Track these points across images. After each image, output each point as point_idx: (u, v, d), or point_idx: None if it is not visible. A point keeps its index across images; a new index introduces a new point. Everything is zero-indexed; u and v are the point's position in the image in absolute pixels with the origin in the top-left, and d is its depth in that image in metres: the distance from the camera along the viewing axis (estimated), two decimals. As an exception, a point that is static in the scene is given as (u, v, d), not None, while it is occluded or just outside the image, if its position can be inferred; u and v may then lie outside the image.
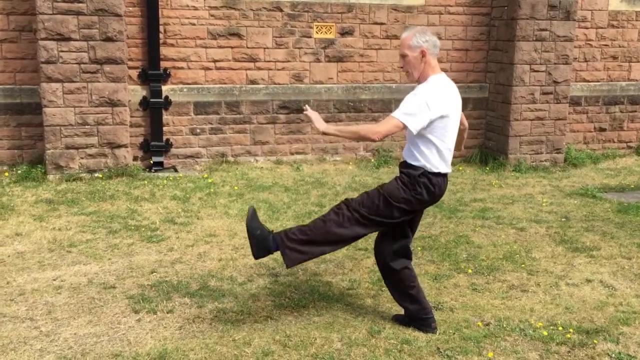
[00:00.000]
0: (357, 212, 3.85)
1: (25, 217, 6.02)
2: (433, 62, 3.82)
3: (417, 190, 3.82)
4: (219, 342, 3.85)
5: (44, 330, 3.96)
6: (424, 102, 3.68)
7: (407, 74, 3.91)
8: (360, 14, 8.62)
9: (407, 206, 3.84)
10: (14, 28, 7.38)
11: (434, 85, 3.79)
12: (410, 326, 4.06)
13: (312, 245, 3.88)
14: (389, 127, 3.74)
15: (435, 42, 3.82)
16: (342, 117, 8.72)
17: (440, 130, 3.78)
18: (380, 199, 3.84)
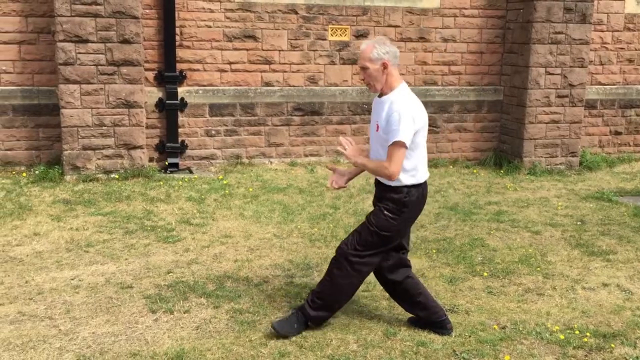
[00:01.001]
0: (356, 257, 3.89)
1: (43, 217, 6.08)
2: (395, 72, 3.81)
3: (407, 211, 3.85)
4: (235, 343, 3.87)
5: (63, 329, 4.00)
6: (411, 117, 3.69)
7: (368, 86, 3.89)
8: (375, 16, 8.63)
9: (403, 228, 3.92)
10: (32, 30, 7.46)
11: (408, 95, 3.80)
12: (426, 329, 4.06)
13: (332, 305, 4.01)
14: (398, 160, 3.71)
15: (396, 52, 3.81)
16: (357, 119, 8.73)
17: (421, 139, 3.81)
18: (374, 235, 3.87)
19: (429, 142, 9.05)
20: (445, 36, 8.94)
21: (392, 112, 3.71)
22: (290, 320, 3.99)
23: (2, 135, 7.51)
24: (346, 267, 3.90)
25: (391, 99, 3.78)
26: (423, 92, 8.96)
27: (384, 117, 3.76)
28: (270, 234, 5.89)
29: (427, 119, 3.87)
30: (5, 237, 5.53)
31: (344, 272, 3.90)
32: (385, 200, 3.86)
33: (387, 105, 3.77)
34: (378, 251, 3.91)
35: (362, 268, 3.93)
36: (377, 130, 3.83)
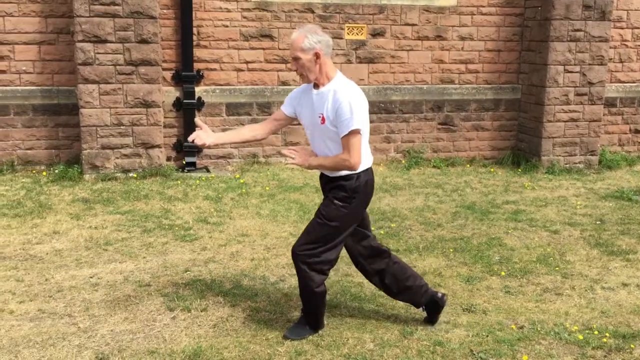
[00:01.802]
0: (312, 257, 3.78)
1: (62, 215, 6.15)
2: (329, 61, 3.70)
3: (358, 197, 3.75)
4: (252, 341, 3.89)
5: (82, 327, 4.04)
6: (360, 104, 3.62)
7: (301, 77, 3.76)
8: (391, 15, 8.61)
9: (355, 215, 3.82)
10: (52, 30, 7.54)
11: (346, 82, 3.72)
12: (432, 320, 4.09)
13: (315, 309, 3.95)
14: (356, 149, 3.64)
15: (328, 41, 3.70)
16: (373, 118, 8.71)
17: (365, 125, 3.71)
18: (324, 228, 3.77)
19: (446, 140, 9.04)
20: (462, 34, 8.90)
21: (339, 101, 3.59)
22: (300, 323, 3.99)
23: (22, 134, 7.60)
24: (305, 270, 3.80)
25: (332, 88, 3.65)
26: (440, 91, 8.93)
27: (330, 108, 3.63)
28: (287, 232, 5.90)
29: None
30: (26, 236, 5.60)
31: (307, 275, 3.81)
32: (335, 190, 3.76)
33: (330, 95, 3.64)
34: (333, 245, 3.78)
35: (322, 267, 3.82)
36: (322, 123, 3.68)
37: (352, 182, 3.73)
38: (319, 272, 3.82)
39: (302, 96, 3.86)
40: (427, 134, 8.96)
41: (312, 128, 3.81)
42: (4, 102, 7.48)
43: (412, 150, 8.89)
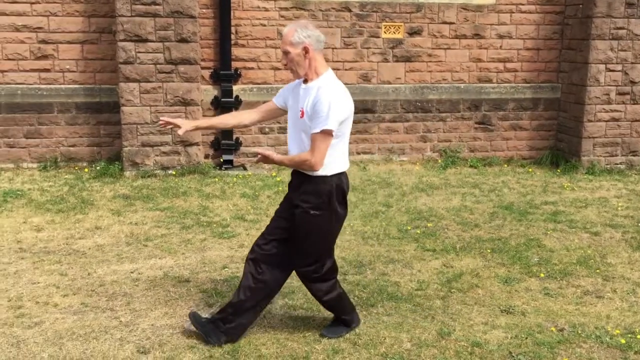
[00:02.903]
0: (314, 274, 3.80)
1: (104, 211, 6.29)
2: (319, 57, 3.63)
3: (332, 201, 3.66)
4: (289, 338, 3.92)
5: (124, 321, 4.13)
6: (340, 105, 3.53)
7: (291, 72, 3.71)
8: (429, 13, 8.56)
9: (335, 218, 3.74)
10: (94, 30, 7.71)
11: (333, 81, 3.63)
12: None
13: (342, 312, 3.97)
14: (321, 150, 3.55)
15: (319, 36, 3.62)
16: (410, 117, 8.68)
17: (346, 128, 3.65)
18: (314, 243, 3.73)
19: (484, 140, 8.94)
20: (500, 32, 8.79)
21: (320, 99, 3.51)
22: (336, 321, 4.02)
23: (65, 132, 7.78)
24: (312, 285, 3.83)
25: (319, 84, 3.59)
26: (477, 90, 8.85)
27: (310, 103, 3.56)
28: (323, 231, 5.92)
29: (353, 109, 3.68)
30: (69, 231, 5.74)
31: (314, 288, 3.84)
32: (305, 195, 3.67)
33: (314, 91, 3.57)
34: (327, 254, 3.81)
35: (324, 277, 3.83)
36: (301, 117, 3.62)
37: (321, 186, 3.64)
38: (325, 281, 3.85)
39: (293, 89, 3.83)
40: (464, 133, 8.89)
41: (292, 120, 3.76)
42: (48, 100, 7.67)
43: (448, 150, 8.82)
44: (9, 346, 3.78)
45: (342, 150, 3.71)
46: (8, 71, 7.58)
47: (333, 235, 3.83)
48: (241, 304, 3.83)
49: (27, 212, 6.19)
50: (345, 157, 3.75)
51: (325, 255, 3.83)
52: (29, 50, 7.58)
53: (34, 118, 7.67)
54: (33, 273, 4.82)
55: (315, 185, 3.66)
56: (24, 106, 7.61)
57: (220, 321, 3.86)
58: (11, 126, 7.61)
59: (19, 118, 7.62)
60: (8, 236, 5.55)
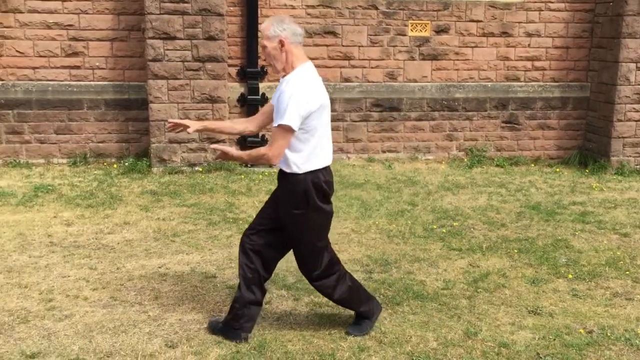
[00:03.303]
0: (316, 271, 3.79)
1: (132, 207, 6.37)
2: (296, 50, 3.58)
3: (310, 198, 3.62)
4: (315, 335, 3.93)
5: (152, 315, 4.18)
6: (303, 98, 3.46)
7: (271, 67, 3.69)
8: (456, 11, 8.51)
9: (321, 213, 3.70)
10: (123, 27, 7.80)
11: (303, 75, 3.57)
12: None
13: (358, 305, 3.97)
14: (279, 145, 3.52)
15: (295, 29, 3.58)
16: (436, 115, 8.64)
17: (318, 121, 3.57)
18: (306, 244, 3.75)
19: (510, 139, 8.87)
20: (529, 31, 8.71)
21: (283, 92, 3.50)
22: (359, 318, 4.00)
23: (95, 128, 7.90)
24: (324, 283, 3.82)
25: (288, 78, 3.57)
26: (504, 89, 8.77)
27: (276, 97, 3.59)
28: (348, 229, 5.93)
29: (329, 101, 3.63)
30: (98, 225, 5.83)
31: (329, 284, 3.83)
32: (284, 195, 3.68)
33: (283, 85, 3.57)
34: (323, 251, 3.79)
35: (330, 270, 3.81)
36: (273, 110, 3.68)
37: (297, 186, 3.61)
38: (328, 276, 3.83)
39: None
40: (491, 132, 8.82)
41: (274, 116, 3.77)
42: (78, 96, 7.79)
43: (474, 149, 8.76)
44: (40, 338, 3.85)
45: (317, 146, 3.61)
46: (39, 68, 7.71)
47: (322, 230, 3.78)
48: (243, 296, 3.85)
49: (58, 206, 6.30)
50: (323, 153, 3.66)
51: (318, 251, 3.79)
52: (60, 48, 7.71)
53: (64, 114, 7.79)
54: (63, 267, 4.91)
55: (291, 184, 3.64)
56: (54, 102, 7.74)
57: (232, 321, 3.88)
58: (42, 122, 7.74)
59: (49, 114, 7.75)
60: (39, 230, 5.65)
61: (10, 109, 7.65)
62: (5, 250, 5.19)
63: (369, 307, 3.97)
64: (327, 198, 3.73)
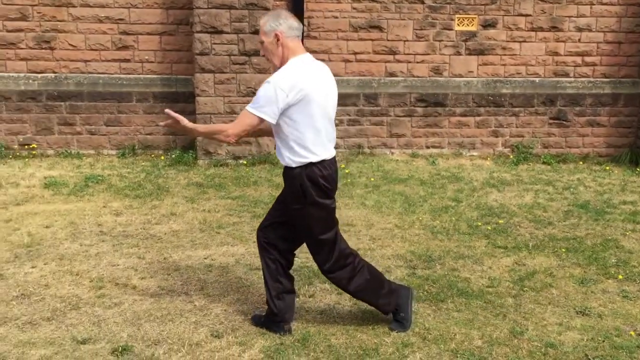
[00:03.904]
0: (328, 264, 3.76)
1: (178, 198, 6.48)
2: (292, 44, 3.53)
3: (309, 192, 3.57)
4: (359, 330, 3.94)
5: (198, 305, 4.26)
6: (277, 87, 3.40)
7: (268, 61, 3.63)
8: (504, 5, 8.37)
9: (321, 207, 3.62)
10: (172, 21, 7.93)
11: (291, 66, 3.50)
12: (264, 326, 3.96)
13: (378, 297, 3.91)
14: (242, 125, 3.49)
15: (291, 24, 3.53)
16: (481, 111, 8.53)
17: (301, 113, 3.48)
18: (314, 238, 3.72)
19: (558, 136, 8.69)
20: (579, 25, 8.51)
21: (264, 82, 3.50)
22: (396, 315, 3.97)
23: (143, 120, 8.05)
24: (338, 275, 3.79)
25: (277, 71, 3.56)
26: (553, 84, 8.60)
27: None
28: (392, 224, 5.92)
29: (325, 93, 3.52)
30: (146, 216, 5.95)
31: (344, 276, 3.79)
32: (287, 190, 3.66)
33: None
34: (332, 240, 3.72)
35: (343, 262, 3.76)
36: None
37: (292, 181, 3.60)
38: (341, 268, 3.78)
39: None
40: (538, 128, 8.66)
41: None
42: (128, 89, 7.96)
43: (521, 145, 8.62)
44: (91, 325, 3.96)
45: (307, 139, 3.54)
46: (91, 61, 7.90)
47: (325, 224, 3.70)
48: (278, 289, 3.88)
49: (107, 196, 6.46)
50: (317, 147, 3.56)
51: (325, 244, 3.75)
52: (110, 41, 7.88)
53: (114, 106, 7.97)
54: (113, 255, 5.04)
55: (288, 179, 3.63)
56: (105, 95, 7.92)
57: (271, 315, 3.92)
58: (93, 114, 7.94)
59: (100, 106, 7.94)
60: (90, 219, 5.81)
61: (63, 101, 7.87)
62: (57, 238, 5.35)
63: (389, 300, 3.90)
64: (326, 193, 3.65)
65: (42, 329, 3.90)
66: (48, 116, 7.87)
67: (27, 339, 3.78)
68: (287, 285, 3.93)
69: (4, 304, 4.19)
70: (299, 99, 3.45)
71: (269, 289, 3.91)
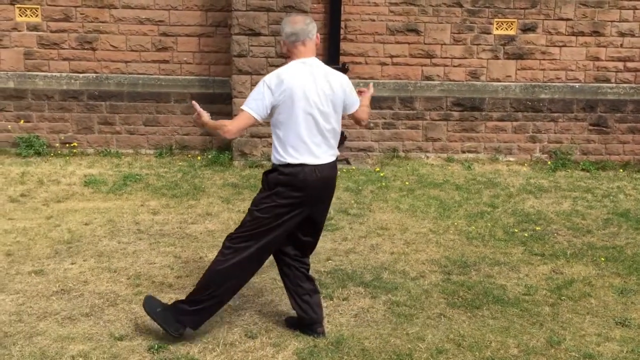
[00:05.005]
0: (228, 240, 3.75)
1: (214, 198, 6.55)
2: (295, 50, 3.65)
3: (280, 193, 3.63)
4: (392, 334, 3.93)
5: (232, 305, 4.28)
6: (264, 85, 3.56)
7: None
8: (544, 9, 8.25)
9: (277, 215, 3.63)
10: (210, 23, 8.02)
11: (286, 66, 3.63)
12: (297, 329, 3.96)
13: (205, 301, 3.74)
14: (238, 122, 3.64)
15: (289, 30, 3.63)
16: (519, 116, 8.42)
17: (283, 115, 3.58)
18: (249, 213, 3.75)
19: (598, 142, 8.51)
20: (622, 30, 8.34)
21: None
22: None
23: (180, 121, 8.16)
24: (221, 251, 3.75)
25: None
26: (593, 90, 8.45)
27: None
28: (426, 228, 5.88)
29: (313, 93, 3.57)
30: (182, 215, 6.03)
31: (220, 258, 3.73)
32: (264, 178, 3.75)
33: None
34: (248, 233, 3.68)
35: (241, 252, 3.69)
36: None
37: (274, 175, 3.67)
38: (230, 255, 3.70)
39: None
40: (577, 135, 8.51)
41: None
42: (166, 90, 8.07)
43: (559, 152, 8.48)
44: (128, 322, 4.04)
45: (289, 139, 3.60)
46: (131, 62, 8.04)
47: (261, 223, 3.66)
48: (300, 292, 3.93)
49: (145, 195, 6.56)
50: (299, 151, 3.60)
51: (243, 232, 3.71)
52: (150, 42, 8.00)
53: (152, 107, 8.09)
54: (150, 254, 5.12)
55: (268, 172, 3.74)
56: (144, 95, 8.05)
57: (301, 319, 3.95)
58: (132, 114, 8.07)
59: (139, 106, 8.07)
60: (128, 217, 5.90)
61: (104, 101, 8.02)
62: (96, 235, 5.46)
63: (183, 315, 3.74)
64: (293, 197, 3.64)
65: (80, 324, 3.99)
66: (89, 115, 8.03)
67: (66, 334, 3.86)
68: (308, 287, 3.95)
69: (44, 299, 4.30)
70: (281, 99, 3.56)
71: (292, 296, 3.94)
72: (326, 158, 3.74)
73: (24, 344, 3.74)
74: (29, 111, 7.97)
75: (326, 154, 3.74)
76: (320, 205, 3.83)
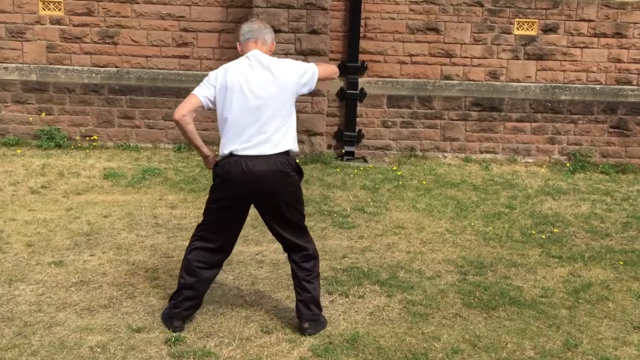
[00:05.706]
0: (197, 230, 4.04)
1: (231, 194, 6.58)
2: (247, 47, 3.87)
3: (216, 183, 3.90)
4: (407, 333, 3.94)
5: (249, 300, 4.33)
6: (211, 75, 3.82)
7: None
8: (566, 9, 8.19)
9: (213, 203, 3.89)
10: (231, 20, 8.05)
11: (231, 62, 3.87)
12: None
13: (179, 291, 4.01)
14: (185, 103, 3.80)
15: (243, 29, 3.90)
16: (538, 117, 8.37)
17: (222, 107, 3.77)
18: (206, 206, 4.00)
19: (618, 145, 8.43)
20: (645, 32, 8.26)
21: None
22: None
23: (200, 116, 8.09)
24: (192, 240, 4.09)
25: None
26: (614, 92, 8.37)
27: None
28: (443, 228, 5.87)
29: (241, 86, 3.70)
30: (200, 210, 5.94)
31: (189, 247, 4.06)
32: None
33: None
34: (204, 221, 3.97)
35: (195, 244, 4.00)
36: None
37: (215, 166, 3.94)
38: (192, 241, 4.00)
39: None
40: (597, 137, 8.44)
41: None
42: (186, 85, 7.99)
43: (578, 154, 8.41)
44: (145, 314, 4.08)
45: (225, 133, 3.80)
46: (152, 56, 8.09)
47: (209, 208, 3.94)
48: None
49: (163, 189, 6.61)
50: (230, 144, 3.77)
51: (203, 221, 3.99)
52: (171, 38, 8.06)
53: (172, 101, 8.12)
54: (167, 247, 5.16)
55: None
56: (163, 90, 8.10)
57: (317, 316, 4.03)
58: (152, 108, 8.13)
59: (159, 101, 8.12)
60: (146, 211, 5.96)
61: (124, 95, 8.08)
62: (115, 228, 5.52)
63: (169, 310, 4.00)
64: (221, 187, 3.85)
65: (99, 315, 4.04)
66: (109, 109, 8.10)
67: (84, 324, 3.91)
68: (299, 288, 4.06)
69: (63, 290, 4.36)
70: (217, 88, 3.77)
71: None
72: (263, 150, 3.76)
73: (44, 333, 3.79)
74: (51, 104, 8.06)
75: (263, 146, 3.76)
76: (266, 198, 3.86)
